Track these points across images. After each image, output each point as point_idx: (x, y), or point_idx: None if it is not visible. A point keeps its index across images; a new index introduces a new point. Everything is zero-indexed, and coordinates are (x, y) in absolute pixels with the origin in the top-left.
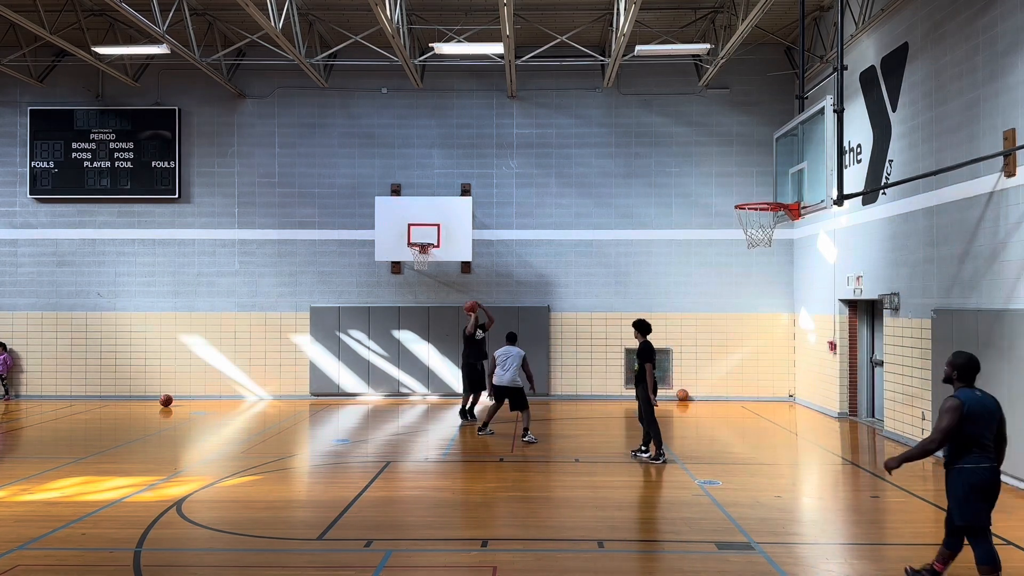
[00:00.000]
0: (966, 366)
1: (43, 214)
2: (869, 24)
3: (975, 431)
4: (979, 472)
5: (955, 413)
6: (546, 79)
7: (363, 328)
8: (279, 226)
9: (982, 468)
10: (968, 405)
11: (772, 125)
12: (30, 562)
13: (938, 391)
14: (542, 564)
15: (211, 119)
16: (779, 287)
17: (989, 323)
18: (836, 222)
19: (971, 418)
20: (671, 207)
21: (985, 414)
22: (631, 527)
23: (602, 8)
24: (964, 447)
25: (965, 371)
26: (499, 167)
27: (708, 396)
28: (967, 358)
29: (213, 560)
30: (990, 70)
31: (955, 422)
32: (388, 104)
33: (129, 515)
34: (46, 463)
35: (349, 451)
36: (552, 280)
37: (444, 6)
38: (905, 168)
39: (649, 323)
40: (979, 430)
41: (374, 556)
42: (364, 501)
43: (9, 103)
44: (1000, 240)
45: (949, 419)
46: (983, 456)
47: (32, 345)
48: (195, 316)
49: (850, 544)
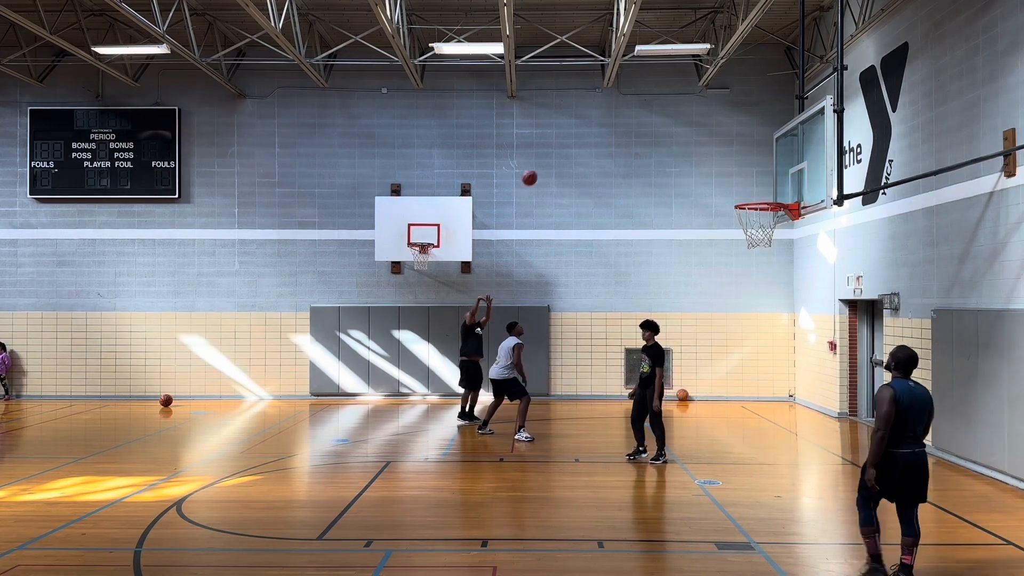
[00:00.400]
0: (904, 360)
1: (43, 214)
2: (869, 24)
3: (906, 419)
4: (909, 457)
5: (891, 402)
6: (546, 79)
7: (363, 328)
8: (279, 226)
9: (914, 453)
10: (900, 394)
11: (772, 125)
12: (30, 562)
13: (938, 391)
14: (542, 564)
15: (211, 119)
16: (779, 287)
17: (989, 323)
18: (836, 222)
19: (903, 407)
20: (671, 207)
21: (916, 404)
22: (631, 527)
23: (602, 8)
24: (897, 434)
25: (903, 364)
26: (499, 167)
27: (708, 396)
28: (908, 353)
29: (213, 560)
30: (990, 70)
31: (893, 409)
32: (388, 104)
33: (129, 515)
34: (46, 463)
35: (349, 451)
36: (552, 280)
37: (444, 6)
38: (905, 168)
39: (658, 324)
40: (909, 418)
41: (374, 556)
42: (364, 501)
43: (9, 103)
44: (1000, 240)
45: (887, 407)
46: (903, 442)
47: (32, 345)
48: (195, 316)
49: (850, 544)
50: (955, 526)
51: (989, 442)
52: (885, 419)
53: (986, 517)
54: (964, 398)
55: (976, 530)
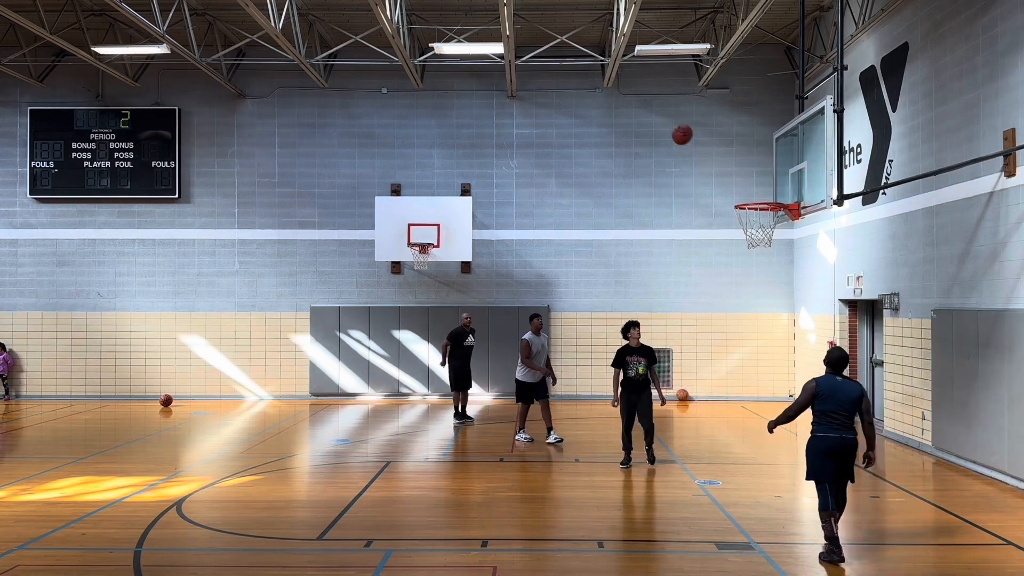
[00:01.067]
0: (833, 361)
1: (43, 214)
2: (869, 24)
3: (824, 408)
4: (826, 440)
5: (807, 392)
6: (546, 79)
7: (363, 328)
8: (279, 226)
9: (830, 437)
10: (820, 387)
11: (772, 125)
12: (30, 562)
13: (938, 391)
14: (542, 564)
15: (211, 119)
16: (779, 287)
17: (989, 323)
18: (836, 222)
19: (821, 397)
20: (671, 207)
21: (837, 396)
22: (631, 527)
23: (602, 8)
24: (817, 420)
25: (832, 363)
26: (499, 167)
27: (708, 396)
28: (839, 355)
29: (213, 560)
30: (990, 70)
31: (806, 399)
32: (388, 104)
33: (129, 515)
34: (46, 463)
35: (349, 451)
36: (552, 280)
37: (444, 6)
38: (905, 168)
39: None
40: (828, 407)
41: (374, 556)
42: (364, 501)
43: (9, 103)
44: (1000, 240)
45: (803, 396)
46: (831, 428)
47: (32, 345)
48: (195, 316)
49: (850, 544)
50: (955, 526)
51: (989, 442)
52: (797, 404)
53: (986, 517)
54: (964, 398)
55: (976, 530)
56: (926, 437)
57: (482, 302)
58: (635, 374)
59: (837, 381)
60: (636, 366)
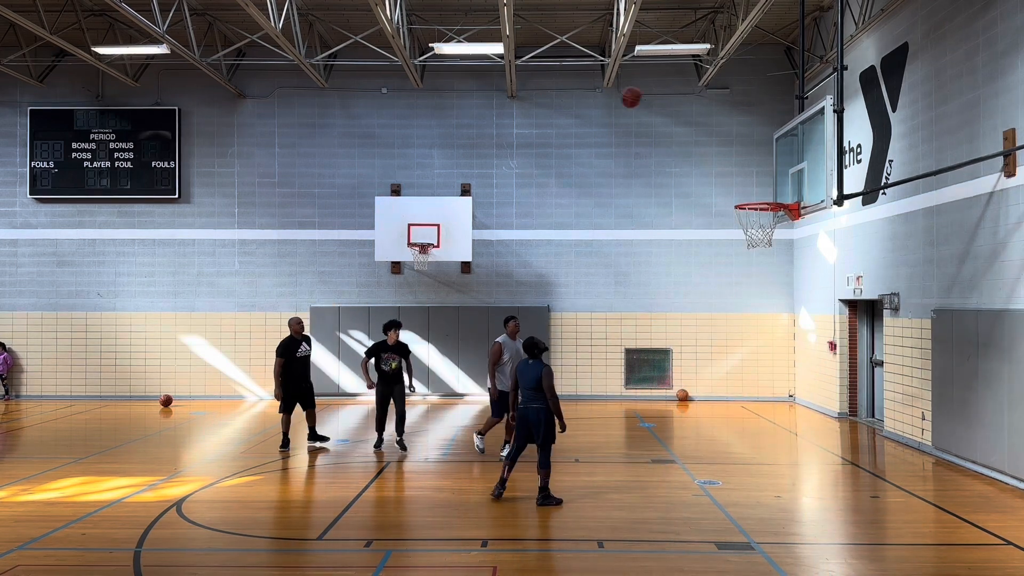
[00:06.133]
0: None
1: (43, 214)
2: (869, 24)
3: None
4: (520, 411)
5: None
6: (546, 79)
7: (363, 328)
8: (279, 226)
9: (520, 408)
10: (519, 369)
11: (772, 125)
12: (30, 562)
13: (938, 391)
14: (542, 564)
15: (211, 119)
16: (779, 287)
17: (989, 323)
18: (836, 222)
19: (517, 377)
20: (671, 207)
21: (522, 376)
22: (631, 527)
23: (602, 8)
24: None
25: (528, 349)
26: (499, 167)
27: (708, 396)
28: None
29: (213, 560)
30: (990, 70)
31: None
32: (388, 104)
33: (129, 515)
34: (46, 463)
35: (349, 451)
36: (552, 280)
37: (444, 6)
38: (905, 168)
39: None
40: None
41: (374, 556)
42: (364, 501)
43: (9, 103)
44: (1000, 240)
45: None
46: (528, 401)
47: (32, 345)
48: (195, 316)
49: (850, 544)
50: (955, 526)
51: (989, 442)
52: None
53: (986, 517)
54: (964, 398)
55: (976, 530)
56: (926, 437)
57: (482, 302)
58: (388, 369)
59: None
60: (390, 362)
